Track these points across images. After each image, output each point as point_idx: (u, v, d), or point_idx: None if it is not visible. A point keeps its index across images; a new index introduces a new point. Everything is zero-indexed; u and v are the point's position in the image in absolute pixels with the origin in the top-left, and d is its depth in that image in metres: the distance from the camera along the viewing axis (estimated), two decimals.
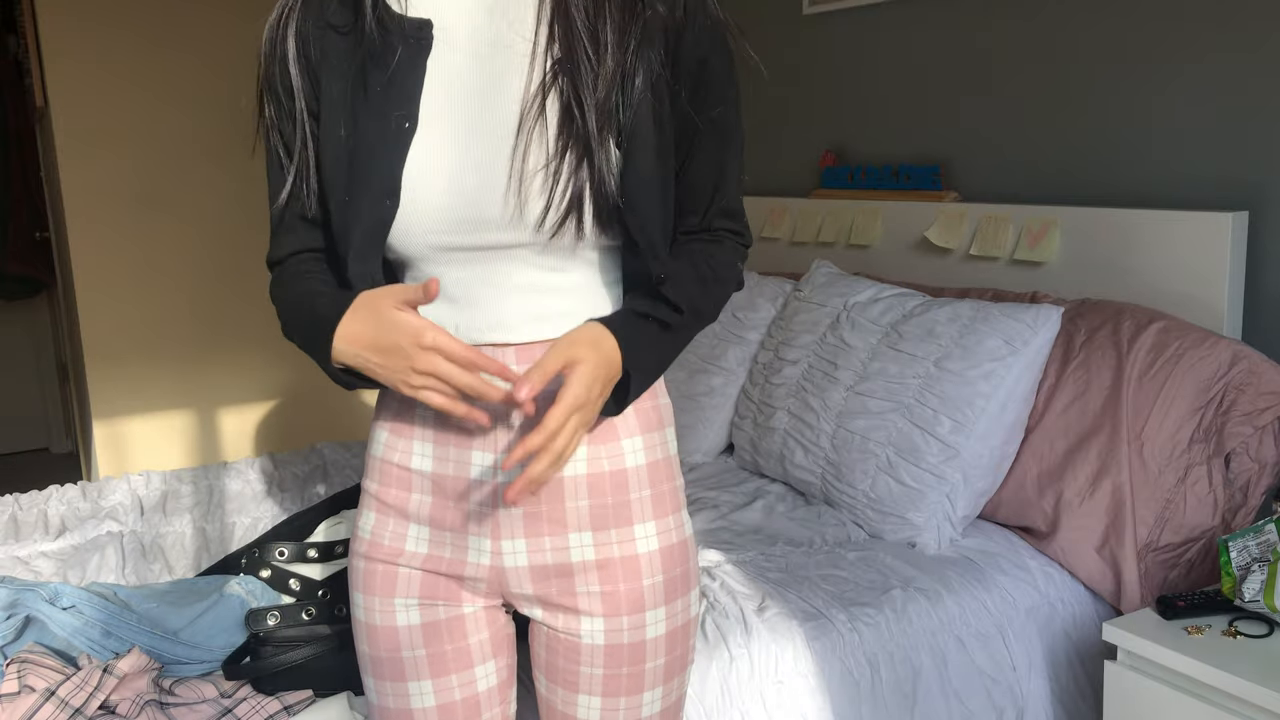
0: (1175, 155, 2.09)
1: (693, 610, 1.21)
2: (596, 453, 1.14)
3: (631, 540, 1.15)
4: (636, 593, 1.15)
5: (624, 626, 1.15)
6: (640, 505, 1.16)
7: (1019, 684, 1.81)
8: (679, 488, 1.21)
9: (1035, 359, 2.00)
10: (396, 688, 1.19)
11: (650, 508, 1.17)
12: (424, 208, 1.09)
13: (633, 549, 1.15)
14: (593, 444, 1.14)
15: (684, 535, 1.20)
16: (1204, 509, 1.86)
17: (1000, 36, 2.38)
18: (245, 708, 1.46)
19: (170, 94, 3.26)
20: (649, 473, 1.17)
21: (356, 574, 1.20)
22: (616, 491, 1.14)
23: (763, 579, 1.84)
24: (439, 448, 1.15)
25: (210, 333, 3.42)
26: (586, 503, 1.14)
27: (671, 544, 1.17)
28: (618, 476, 1.15)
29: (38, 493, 2.41)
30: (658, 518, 1.17)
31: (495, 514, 1.13)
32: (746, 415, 2.42)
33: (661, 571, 1.17)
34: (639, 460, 1.16)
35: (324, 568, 1.90)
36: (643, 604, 1.15)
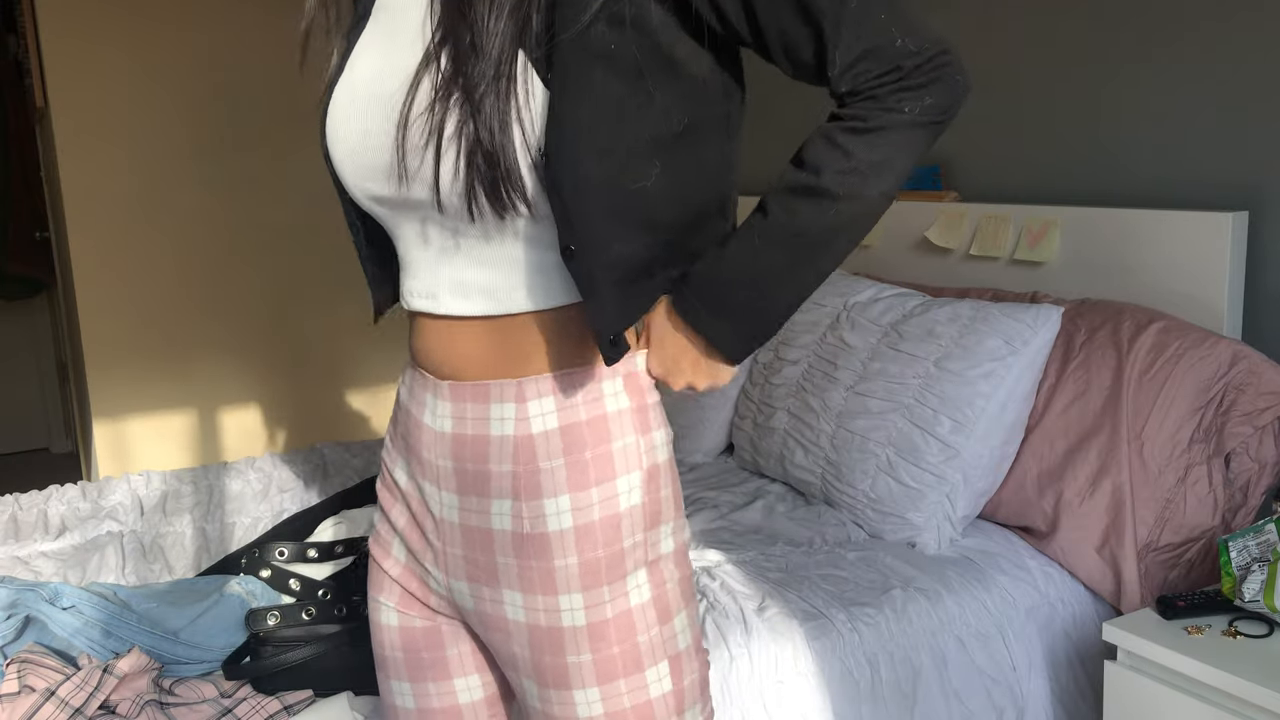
0: (1175, 155, 2.09)
1: (631, 600, 1.03)
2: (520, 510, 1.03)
3: (557, 611, 1.03)
4: (548, 573, 1.02)
5: (539, 607, 1.03)
6: (565, 573, 1.02)
7: (1019, 684, 1.81)
8: (625, 551, 1.03)
9: (1035, 359, 2.00)
10: (383, 681, 1.19)
11: (564, 480, 1.02)
12: (337, 153, 1.06)
13: (556, 621, 1.03)
14: (517, 500, 1.03)
15: (626, 607, 1.03)
16: (1204, 509, 1.86)
17: (1000, 37, 2.38)
18: (245, 708, 1.46)
19: (170, 94, 3.26)
20: (576, 537, 1.02)
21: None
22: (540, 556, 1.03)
23: (763, 579, 1.84)
24: (408, 465, 1.11)
25: (210, 333, 3.42)
26: (514, 562, 1.04)
27: (591, 521, 1.01)
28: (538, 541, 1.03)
29: (38, 493, 2.41)
30: (585, 589, 1.02)
31: (442, 548, 1.09)
32: (746, 415, 2.42)
33: (590, 650, 1.03)
34: (564, 524, 1.02)
35: (324, 568, 1.90)
36: (554, 586, 1.02)
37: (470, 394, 1.04)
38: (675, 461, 1.09)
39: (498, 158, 0.93)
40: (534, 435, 1.02)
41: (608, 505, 1.02)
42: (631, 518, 1.03)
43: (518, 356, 1.03)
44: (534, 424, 1.02)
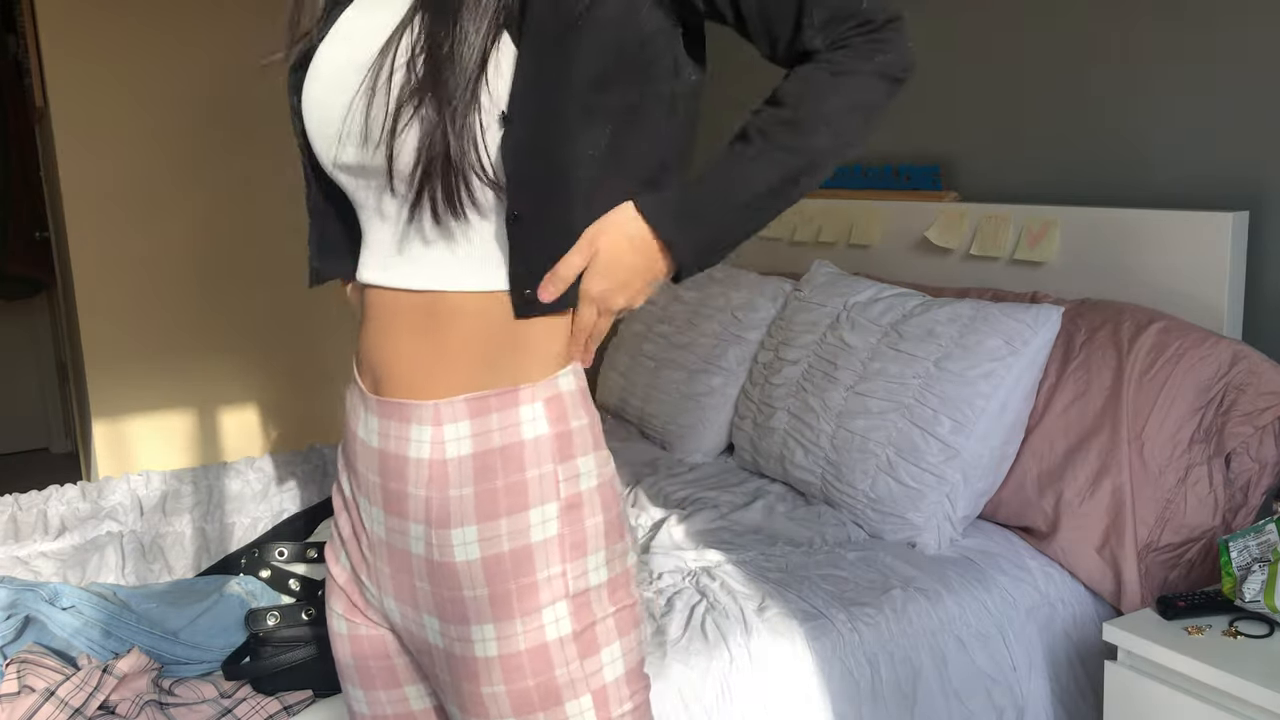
0: (1175, 155, 2.09)
1: (548, 634, 1.00)
2: (430, 536, 1.02)
3: (469, 641, 1.01)
4: (459, 602, 1.01)
5: (454, 635, 1.03)
6: (476, 604, 1.00)
7: (1019, 684, 1.81)
8: (538, 584, 0.99)
9: (1035, 359, 2.00)
10: (343, 688, 1.18)
11: (472, 510, 1.00)
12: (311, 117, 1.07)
13: (469, 650, 1.02)
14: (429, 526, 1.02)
15: (541, 640, 1.00)
16: (1204, 509, 1.86)
17: (1001, 37, 2.38)
18: (245, 708, 1.46)
19: (170, 94, 3.26)
20: (484, 568, 1.00)
21: None
22: (449, 585, 1.02)
23: (763, 579, 1.84)
24: (350, 476, 1.11)
25: (210, 333, 3.42)
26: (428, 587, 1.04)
27: (500, 553, 0.99)
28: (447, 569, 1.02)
29: (38, 493, 2.41)
30: (497, 620, 1.00)
31: (375, 562, 1.09)
32: (746, 415, 2.42)
33: (504, 682, 1.01)
34: (471, 555, 1.00)
35: (324, 568, 1.89)
36: (466, 616, 1.01)
37: (394, 412, 1.03)
38: (613, 485, 1.05)
39: (457, 161, 0.95)
40: (447, 460, 1.00)
41: (518, 537, 0.99)
42: (546, 550, 1.00)
43: (441, 364, 1.02)
44: (448, 449, 1.00)
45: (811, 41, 1.00)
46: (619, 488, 1.07)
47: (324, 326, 3.57)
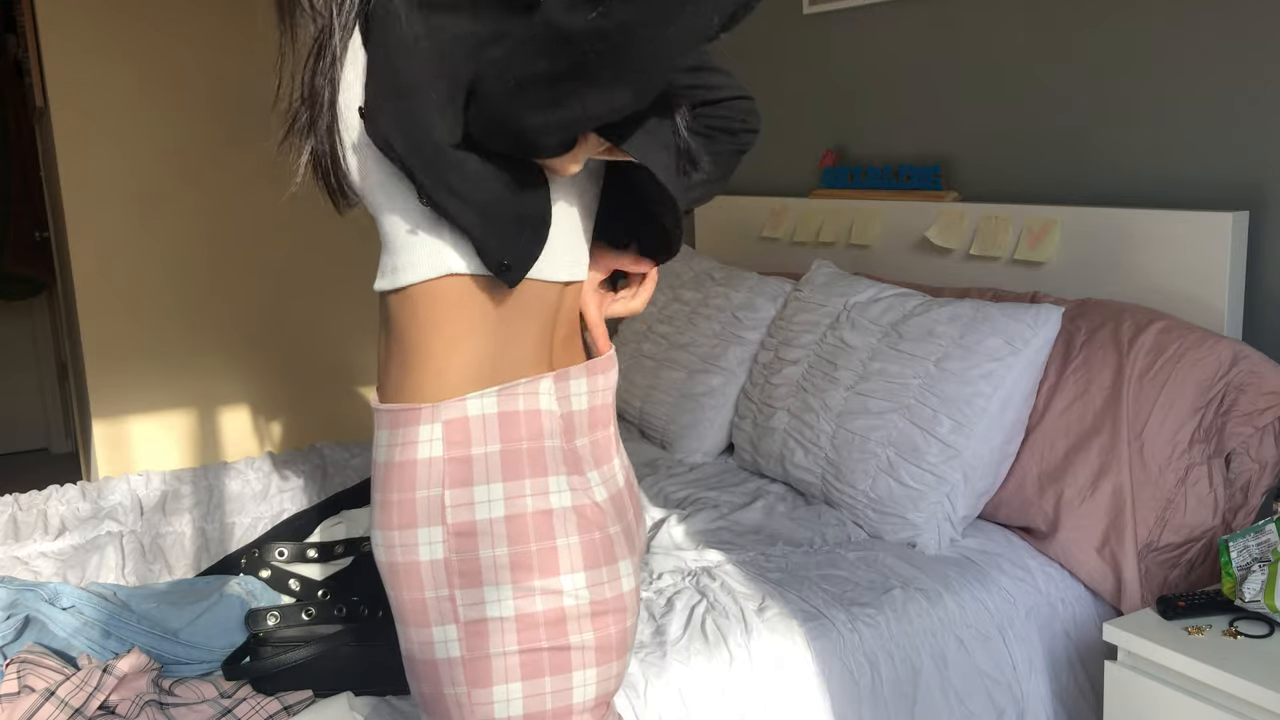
0: (1175, 155, 2.09)
1: (437, 653, 1.00)
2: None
3: (374, 544, 1.05)
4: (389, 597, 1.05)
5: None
6: (393, 604, 1.03)
7: (1019, 684, 1.81)
8: (426, 601, 1.00)
9: (1035, 359, 2.00)
10: None
11: (379, 515, 1.02)
12: None
13: (379, 554, 1.04)
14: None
15: (431, 656, 1.00)
16: (1204, 509, 1.86)
17: (1000, 36, 2.38)
18: (245, 708, 1.46)
19: (170, 94, 3.26)
20: (389, 573, 1.02)
21: None
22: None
23: (763, 579, 1.84)
24: None
25: (210, 333, 3.42)
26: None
27: (395, 561, 1.01)
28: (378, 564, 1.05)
29: (38, 493, 2.41)
30: (402, 624, 1.02)
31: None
32: (746, 415, 2.42)
33: (391, 587, 1.03)
34: (381, 557, 1.03)
35: (324, 568, 1.90)
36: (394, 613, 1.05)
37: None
38: (546, 518, 1.00)
39: (328, 154, 0.99)
40: (377, 463, 1.03)
41: (408, 551, 1.00)
42: (433, 571, 0.99)
43: (385, 370, 1.05)
44: (379, 453, 1.03)
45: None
46: (571, 520, 1.01)
47: (324, 327, 3.57)
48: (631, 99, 0.85)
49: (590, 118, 0.85)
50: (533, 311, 1.03)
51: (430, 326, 1.01)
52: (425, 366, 1.01)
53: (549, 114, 0.85)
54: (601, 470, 1.08)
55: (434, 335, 1.01)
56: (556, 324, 1.07)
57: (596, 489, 1.06)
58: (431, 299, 1.01)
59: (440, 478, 0.98)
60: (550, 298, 1.05)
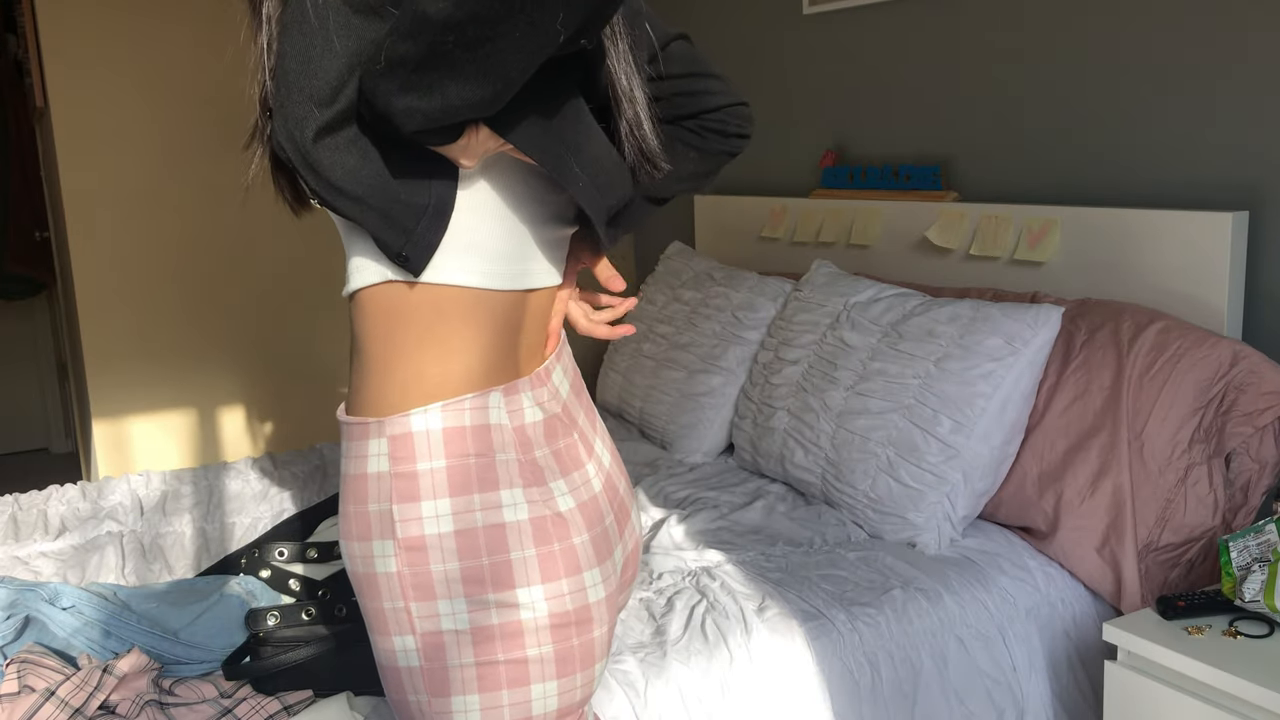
0: (1175, 155, 2.09)
1: (399, 661, 1.01)
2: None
3: (344, 554, 1.06)
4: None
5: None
6: (344, 520, 1.04)
7: (1019, 684, 1.81)
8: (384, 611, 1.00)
9: (1035, 359, 2.00)
10: None
11: (342, 526, 1.04)
12: None
13: (347, 563, 1.05)
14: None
15: (394, 663, 1.02)
16: (1204, 509, 1.86)
17: (1000, 36, 2.38)
18: (245, 708, 1.46)
19: (170, 94, 3.26)
20: (355, 581, 1.03)
21: None
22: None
23: (763, 579, 1.84)
24: None
25: (211, 333, 3.42)
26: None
27: (356, 571, 1.02)
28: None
29: (38, 493, 2.41)
30: (372, 632, 1.04)
31: None
32: (746, 415, 2.42)
33: (358, 594, 1.04)
34: (352, 566, 1.04)
35: (324, 568, 1.90)
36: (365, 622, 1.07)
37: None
38: (498, 532, 0.98)
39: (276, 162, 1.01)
40: (342, 475, 1.04)
41: (367, 563, 1.01)
42: (389, 583, 0.99)
43: (351, 375, 1.05)
44: (342, 464, 1.04)
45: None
46: (526, 533, 1.00)
47: (324, 327, 3.57)
48: (489, 95, 0.84)
49: (449, 109, 0.85)
50: (481, 321, 1.01)
51: (377, 336, 1.01)
52: (373, 379, 1.01)
53: (412, 99, 0.85)
54: (570, 478, 1.06)
55: (381, 345, 1.01)
56: (522, 331, 1.05)
57: (562, 498, 1.04)
58: (377, 306, 1.00)
59: (388, 493, 0.98)
60: (500, 307, 1.02)
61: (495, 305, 1.02)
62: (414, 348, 1.00)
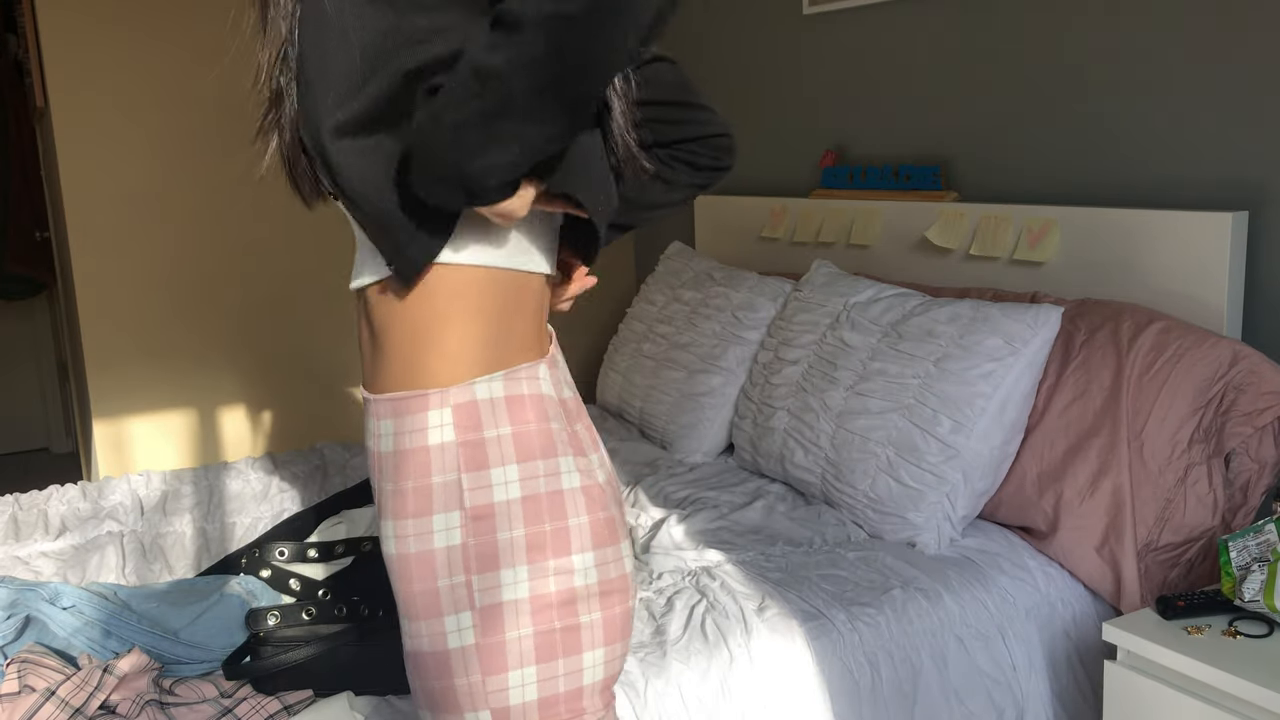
0: (1175, 155, 2.09)
1: (450, 643, 0.99)
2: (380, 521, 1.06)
3: (403, 631, 1.04)
4: (394, 591, 1.04)
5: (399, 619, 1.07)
6: (397, 596, 1.02)
7: (1019, 684, 1.81)
8: (439, 590, 0.99)
9: (1035, 359, 2.00)
10: None
11: (390, 505, 1.01)
12: None
13: (386, 544, 1.04)
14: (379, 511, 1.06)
15: (443, 646, 1.00)
16: (1204, 509, 1.86)
17: (1000, 36, 2.38)
18: (245, 708, 1.46)
19: (170, 94, 3.26)
20: (397, 565, 1.02)
21: None
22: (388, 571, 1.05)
23: (763, 579, 1.84)
24: None
25: (211, 332, 3.42)
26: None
27: (404, 553, 1.01)
28: (384, 557, 1.05)
29: (38, 493, 2.41)
30: (409, 619, 1.02)
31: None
32: (746, 415, 2.42)
33: (418, 678, 1.03)
34: (390, 549, 1.02)
35: (324, 568, 1.90)
36: (417, 700, 1.05)
37: (365, 405, 1.08)
38: (559, 498, 1.01)
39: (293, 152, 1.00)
40: (382, 454, 1.03)
41: (422, 540, 1.00)
42: (449, 557, 0.99)
43: (381, 360, 1.04)
44: (382, 442, 1.03)
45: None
46: (580, 500, 1.02)
47: (324, 326, 3.57)
48: (568, 125, 0.86)
49: (528, 151, 0.87)
50: (526, 301, 1.05)
51: (427, 311, 1.02)
52: (421, 353, 1.01)
53: (487, 156, 0.86)
54: (599, 454, 1.11)
55: (431, 320, 1.02)
56: (542, 313, 1.10)
57: (598, 471, 1.08)
58: (427, 283, 1.01)
59: (455, 462, 0.99)
60: (538, 288, 1.07)
61: (533, 286, 1.06)
62: (471, 322, 1.01)
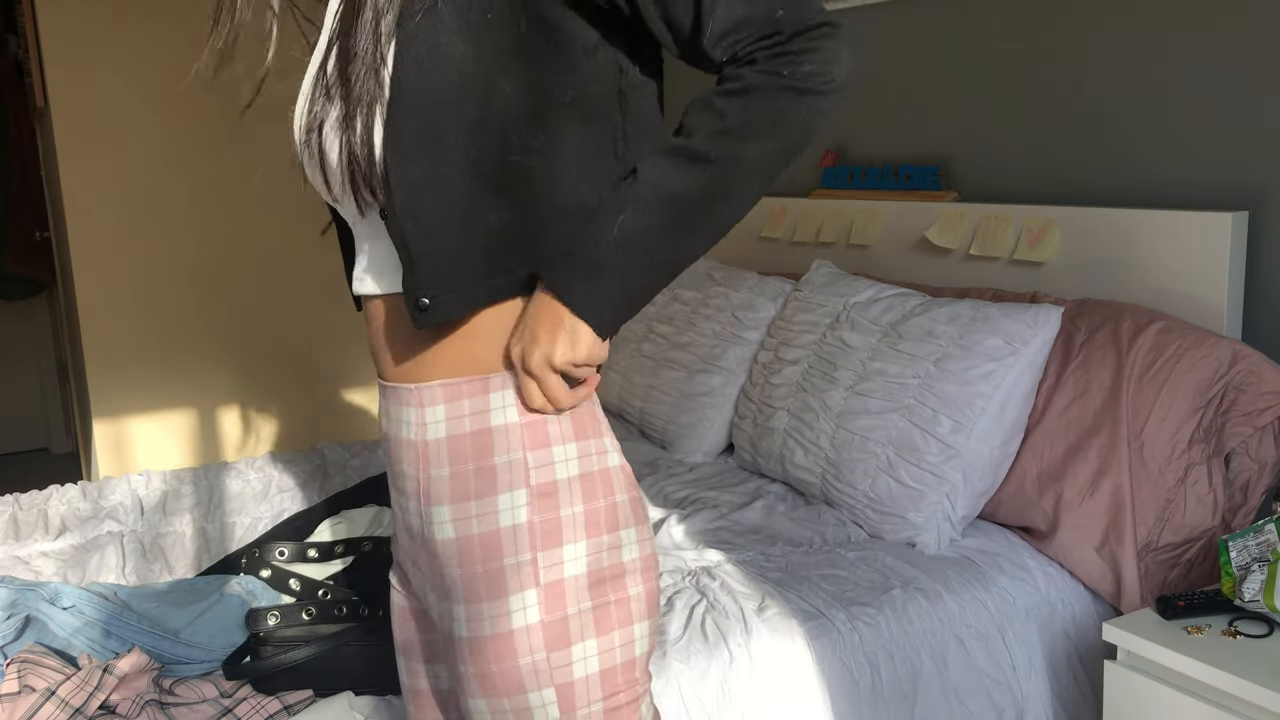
0: (1175, 155, 2.09)
1: (514, 622, 1.00)
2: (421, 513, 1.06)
3: (451, 618, 1.05)
4: (443, 579, 1.04)
5: (441, 610, 1.06)
6: (452, 582, 1.03)
7: (1019, 684, 1.81)
8: (504, 569, 1.00)
9: (1035, 359, 2.00)
10: (398, 661, 1.23)
11: (447, 490, 1.02)
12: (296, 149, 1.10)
13: (450, 627, 1.05)
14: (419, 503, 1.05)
15: (507, 627, 1.00)
16: (1204, 509, 1.86)
17: (1000, 36, 2.38)
18: (245, 708, 1.46)
19: (170, 94, 3.26)
20: (456, 549, 1.02)
21: None
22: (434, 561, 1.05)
23: (763, 579, 1.84)
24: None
25: (211, 332, 3.42)
26: (425, 560, 1.07)
27: (466, 535, 1.01)
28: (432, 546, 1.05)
29: (38, 493, 2.41)
30: (466, 602, 1.02)
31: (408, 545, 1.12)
32: (746, 415, 2.42)
33: (472, 663, 1.02)
34: (446, 534, 1.03)
35: (324, 568, 1.90)
36: (448, 593, 1.04)
37: (394, 396, 1.07)
38: (607, 475, 1.04)
39: (367, 152, 0.97)
40: (429, 442, 1.03)
41: (486, 520, 1.01)
42: (515, 536, 1.00)
43: (419, 353, 1.04)
44: (429, 430, 1.03)
45: (714, 51, 0.93)
46: (621, 479, 1.06)
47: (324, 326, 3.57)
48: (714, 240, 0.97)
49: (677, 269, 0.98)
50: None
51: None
52: (485, 340, 1.02)
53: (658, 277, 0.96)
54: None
55: (491, 310, 1.02)
56: None
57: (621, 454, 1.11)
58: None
59: (520, 442, 1.01)
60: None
61: None
62: (515, 309, 1.03)
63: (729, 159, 0.92)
